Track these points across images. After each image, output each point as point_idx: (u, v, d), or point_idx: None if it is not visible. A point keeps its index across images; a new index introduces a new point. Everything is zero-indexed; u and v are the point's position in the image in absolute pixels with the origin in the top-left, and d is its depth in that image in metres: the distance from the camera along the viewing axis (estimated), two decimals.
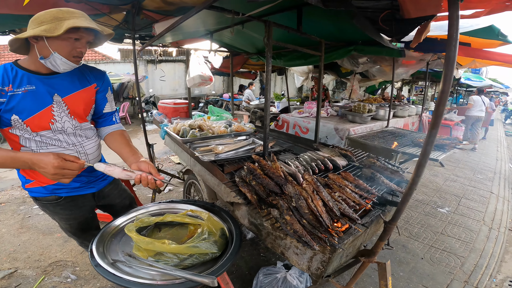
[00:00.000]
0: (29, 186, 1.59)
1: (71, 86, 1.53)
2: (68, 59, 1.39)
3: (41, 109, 1.42)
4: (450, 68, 0.95)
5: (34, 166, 1.27)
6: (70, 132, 1.55)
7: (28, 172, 1.55)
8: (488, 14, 1.87)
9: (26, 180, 1.58)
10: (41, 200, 1.62)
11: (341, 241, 1.41)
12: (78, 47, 1.40)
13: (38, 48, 1.37)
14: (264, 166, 1.85)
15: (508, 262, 3.14)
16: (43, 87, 1.43)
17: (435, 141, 0.99)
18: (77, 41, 1.39)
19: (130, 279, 1.21)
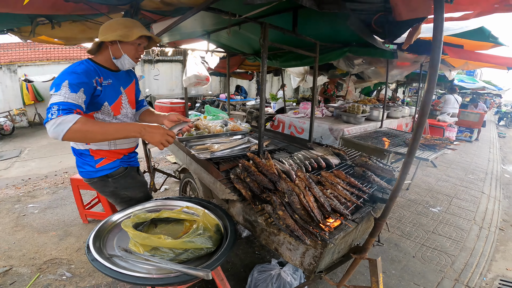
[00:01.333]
0: (100, 165, 1.81)
1: (127, 81, 1.92)
2: (133, 60, 1.75)
3: (117, 98, 1.79)
4: (435, 69, 1.00)
5: (146, 132, 1.53)
6: (130, 116, 1.94)
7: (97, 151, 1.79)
8: (478, 16, 1.92)
9: (96, 160, 1.80)
10: (113, 175, 1.87)
11: (332, 236, 1.45)
12: (139, 51, 1.76)
13: (112, 50, 1.70)
14: (259, 164, 1.89)
15: (499, 261, 3.19)
16: (115, 81, 1.78)
17: (420, 139, 1.03)
18: (139, 46, 1.75)
19: (126, 273, 1.25)
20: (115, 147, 1.86)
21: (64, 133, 1.37)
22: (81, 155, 1.81)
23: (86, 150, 1.79)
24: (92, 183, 1.90)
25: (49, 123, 1.38)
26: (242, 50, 4.47)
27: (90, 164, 1.81)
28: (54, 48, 12.04)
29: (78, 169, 1.86)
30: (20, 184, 4.84)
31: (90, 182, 1.90)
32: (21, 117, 10.33)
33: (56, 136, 1.38)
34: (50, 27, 2.86)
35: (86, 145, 1.77)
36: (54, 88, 1.48)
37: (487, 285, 2.78)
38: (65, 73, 1.53)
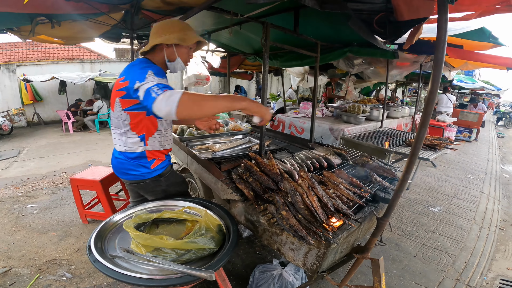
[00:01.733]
0: (154, 165, 1.84)
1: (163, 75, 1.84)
2: (184, 64, 1.77)
3: None
4: (439, 69, 0.99)
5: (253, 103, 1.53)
6: None
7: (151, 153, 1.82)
8: (479, 16, 1.92)
9: (150, 161, 1.83)
10: (165, 174, 1.91)
11: (336, 236, 1.44)
12: (190, 55, 1.80)
13: (168, 52, 1.70)
14: (261, 164, 1.88)
15: (499, 261, 3.19)
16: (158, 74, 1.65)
17: (424, 139, 1.02)
18: (191, 50, 1.78)
19: (128, 274, 1.24)
20: (164, 147, 1.90)
21: (176, 103, 1.30)
22: (136, 158, 1.80)
23: (143, 152, 1.80)
24: (142, 185, 1.89)
25: (158, 99, 1.33)
26: (242, 50, 4.46)
27: (146, 166, 1.83)
28: (53, 47, 12.02)
29: (129, 172, 1.83)
30: (19, 184, 4.82)
31: (140, 184, 1.88)
32: (20, 117, 10.29)
33: (170, 109, 1.32)
34: (50, 27, 2.85)
35: (145, 146, 1.78)
36: (138, 80, 1.45)
37: (488, 285, 2.78)
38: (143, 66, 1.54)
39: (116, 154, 1.86)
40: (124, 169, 1.84)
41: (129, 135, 1.75)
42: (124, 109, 1.67)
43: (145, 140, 1.78)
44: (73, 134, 9.32)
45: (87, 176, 3.30)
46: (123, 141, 1.77)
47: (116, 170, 1.91)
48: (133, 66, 1.61)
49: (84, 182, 3.27)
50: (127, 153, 1.79)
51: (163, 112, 1.34)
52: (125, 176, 1.88)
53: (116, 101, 1.68)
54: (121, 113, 1.69)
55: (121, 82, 1.63)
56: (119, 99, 1.66)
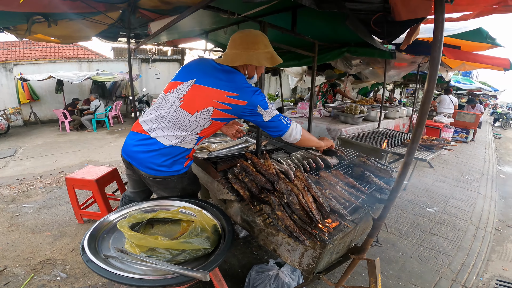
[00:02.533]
0: (187, 163, 1.89)
1: None
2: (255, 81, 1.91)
3: None
4: (435, 68, 0.99)
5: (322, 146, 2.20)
6: None
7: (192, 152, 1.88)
8: (476, 17, 1.93)
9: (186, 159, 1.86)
10: (189, 172, 1.97)
11: (331, 236, 1.44)
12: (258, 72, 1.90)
13: (249, 69, 1.80)
14: (257, 164, 1.87)
15: (495, 261, 3.19)
16: None
17: (420, 139, 1.02)
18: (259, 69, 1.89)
19: (122, 274, 1.22)
20: None
21: (301, 132, 1.84)
22: (179, 154, 1.79)
23: (189, 150, 1.82)
24: (167, 181, 1.85)
25: (291, 128, 1.78)
26: None
27: (181, 163, 1.84)
28: (50, 46, 11.97)
29: (160, 168, 1.77)
30: (15, 183, 4.79)
31: (165, 180, 1.84)
32: (16, 116, 10.23)
33: (296, 137, 1.83)
34: (47, 25, 2.82)
35: (195, 145, 1.83)
36: (261, 107, 1.68)
37: (484, 285, 2.78)
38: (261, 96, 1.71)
39: (153, 147, 1.74)
40: (155, 164, 1.75)
41: (192, 136, 1.74)
42: (213, 118, 1.68)
43: (199, 141, 1.83)
44: (70, 133, 9.27)
45: (82, 176, 3.28)
46: (179, 140, 1.73)
47: (138, 162, 1.79)
48: (246, 87, 1.68)
49: (79, 181, 3.25)
50: (175, 148, 1.74)
51: (292, 138, 1.81)
52: (150, 171, 1.78)
53: (208, 108, 1.65)
54: (206, 119, 1.68)
55: (230, 97, 1.64)
56: (214, 109, 1.65)
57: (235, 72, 1.73)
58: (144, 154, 1.75)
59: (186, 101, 1.68)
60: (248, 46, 1.68)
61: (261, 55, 1.70)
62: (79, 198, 3.45)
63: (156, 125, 1.74)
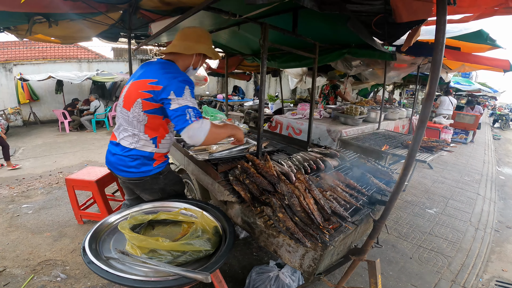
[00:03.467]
0: (157, 164, 1.87)
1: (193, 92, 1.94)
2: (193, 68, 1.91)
3: None
4: (436, 71, 0.99)
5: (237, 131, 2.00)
6: None
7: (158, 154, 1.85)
8: (477, 18, 1.93)
9: (154, 159, 1.85)
10: (164, 172, 1.93)
11: (332, 238, 1.44)
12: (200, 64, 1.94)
13: (195, 60, 1.84)
14: (258, 165, 1.88)
15: (495, 262, 3.20)
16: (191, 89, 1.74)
17: (421, 141, 1.02)
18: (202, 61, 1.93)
19: (123, 275, 1.23)
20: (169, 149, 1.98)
21: (206, 134, 1.62)
22: (142, 157, 1.80)
23: (152, 153, 1.82)
24: (141, 182, 1.88)
25: (193, 125, 1.57)
26: (240, 50, 4.45)
27: (148, 164, 1.84)
28: (50, 47, 11.95)
29: (129, 170, 1.82)
30: (14, 184, 4.78)
31: (139, 181, 1.88)
32: (16, 116, 10.22)
33: (199, 139, 1.62)
34: (47, 26, 2.82)
35: (156, 148, 1.81)
36: (174, 93, 1.59)
37: (483, 286, 2.79)
38: (182, 80, 1.65)
39: (117, 150, 1.83)
40: (124, 166, 1.82)
41: (142, 136, 1.77)
42: (144, 111, 1.69)
43: (156, 143, 1.81)
44: (69, 133, 9.26)
45: (82, 177, 3.28)
46: (135, 140, 1.77)
47: (113, 166, 1.89)
48: (169, 73, 1.66)
49: (79, 182, 3.25)
50: (135, 151, 1.78)
51: (193, 138, 1.61)
52: (123, 173, 1.86)
53: (137, 101, 1.68)
54: (140, 114, 1.70)
55: (151, 84, 1.64)
56: (141, 100, 1.67)
57: (168, 63, 1.77)
58: (115, 157, 1.85)
59: (125, 100, 1.78)
60: (199, 39, 1.81)
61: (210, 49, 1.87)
62: (79, 199, 3.44)
63: (118, 129, 1.86)
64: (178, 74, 1.68)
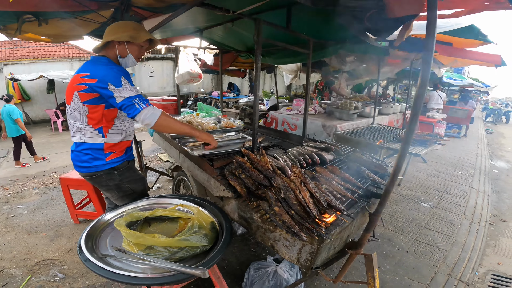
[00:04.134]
0: (110, 158, 1.90)
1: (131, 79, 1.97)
2: (136, 60, 1.92)
3: None
4: (428, 64, 1.00)
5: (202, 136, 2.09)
6: None
7: (109, 146, 1.88)
8: (468, 13, 1.94)
9: (106, 154, 1.89)
10: (119, 168, 1.96)
11: (329, 231, 1.45)
12: (142, 52, 1.96)
13: (119, 49, 1.84)
14: (253, 160, 1.88)
15: (490, 256, 3.23)
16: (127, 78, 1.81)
17: (414, 132, 1.03)
18: (142, 48, 1.94)
19: (120, 272, 1.22)
20: (124, 139, 1.98)
21: (155, 120, 1.76)
22: (92, 150, 1.86)
23: (101, 144, 1.86)
24: (95, 177, 1.93)
25: (142, 113, 1.71)
26: (235, 47, 4.44)
27: (100, 158, 1.88)
28: (40, 46, 11.78)
29: (83, 165, 1.88)
30: (8, 184, 4.73)
31: (93, 177, 1.92)
32: None
33: (150, 122, 1.76)
34: (37, 25, 2.78)
35: (104, 138, 1.85)
36: (112, 84, 1.68)
37: (480, 280, 2.81)
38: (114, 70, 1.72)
39: (72, 147, 1.92)
40: (79, 161, 1.88)
41: (88, 128, 1.81)
42: (83, 102, 1.74)
43: (103, 133, 1.85)
44: (62, 133, 9.17)
45: (77, 176, 3.25)
46: (82, 133, 1.83)
47: (73, 163, 1.95)
48: (100, 64, 1.75)
49: (74, 181, 3.22)
50: (85, 145, 1.85)
51: (144, 122, 1.75)
52: (80, 169, 1.91)
53: (74, 94, 1.74)
54: (80, 105, 1.75)
55: (84, 77, 1.71)
56: (78, 93, 1.73)
57: (99, 57, 1.83)
58: (72, 154, 1.94)
59: (66, 96, 1.85)
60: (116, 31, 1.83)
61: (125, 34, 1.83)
62: (74, 198, 3.42)
63: (71, 127, 1.89)
64: (110, 65, 1.76)
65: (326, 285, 2.54)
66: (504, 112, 17.61)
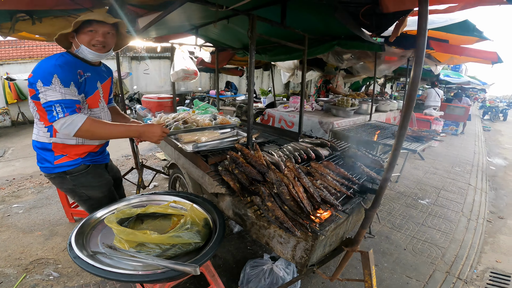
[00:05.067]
0: (59, 162, 1.76)
1: (104, 76, 1.92)
2: (89, 48, 1.66)
3: (94, 91, 1.79)
4: (420, 57, 0.99)
5: (145, 133, 1.76)
6: (106, 111, 1.95)
7: (60, 147, 1.74)
8: (462, 9, 1.92)
9: (56, 156, 1.75)
10: (73, 172, 1.80)
11: (323, 228, 1.43)
12: (96, 37, 1.66)
13: (74, 42, 1.70)
14: (247, 155, 1.86)
15: (488, 253, 3.22)
16: (94, 75, 1.77)
17: (411, 132, 1.01)
18: (94, 33, 1.66)
19: (110, 269, 1.20)
20: (87, 142, 1.82)
21: (75, 131, 1.55)
22: (41, 149, 1.75)
23: (49, 144, 1.72)
24: (50, 178, 1.86)
25: (58, 122, 1.52)
26: (231, 44, 4.42)
27: (49, 160, 1.76)
28: (36, 45, 11.72)
29: (38, 164, 1.82)
30: (4, 184, 4.70)
31: (49, 178, 1.85)
32: (4, 117, 10.04)
33: (68, 134, 1.58)
34: (31, 23, 2.75)
35: (51, 137, 1.71)
36: (41, 81, 1.52)
37: (478, 277, 2.79)
38: (50, 66, 1.55)
39: None
40: (38, 160, 1.82)
41: (40, 125, 1.73)
42: (31, 97, 1.65)
43: (52, 131, 1.71)
44: None
45: None
46: (36, 130, 1.76)
47: None
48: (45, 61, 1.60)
49: None
50: (36, 143, 1.76)
51: (62, 132, 1.58)
52: (40, 168, 1.83)
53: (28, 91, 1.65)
54: (31, 101, 1.67)
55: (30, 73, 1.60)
56: (28, 89, 1.64)
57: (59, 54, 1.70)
58: None
59: None
60: None
61: None
62: None
63: None
64: (54, 59, 1.59)
65: (323, 283, 2.53)
66: (501, 110, 17.68)
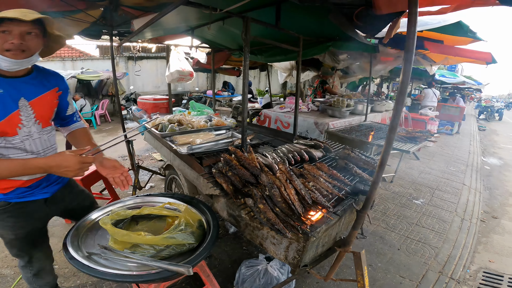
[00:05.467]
0: None
1: (37, 90, 1.48)
2: (1, 53, 1.28)
3: (8, 114, 1.34)
4: (410, 55, 1.01)
5: (52, 168, 1.29)
6: (38, 137, 1.49)
7: None
8: (455, 10, 1.95)
9: None
10: None
11: (314, 229, 1.45)
12: (9, 40, 1.28)
13: None
14: (241, 157, 1.87)
15: (481, 253, 3.24)
16: (10, 90, 1.36)
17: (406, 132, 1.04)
18: (7, 34, 1.29)
19: (105, 270, 1.22)
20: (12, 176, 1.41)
21: None
22: None
23: None
24: None
25: None
26: (227, 45, 4.43)
27: None
28: None
29: None
30: None
31: None
32: None
33: None
34: None
35: None
36: None
37: (471, 277, 2.81)
38: None
39: None
40: None
41: None
42: None
43: None
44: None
45: None
46: None
47: None
48: None
49: None
50: None
51: None
52: None
53: None
54: None
55: None
56: None
57: None
58: None
59: None
60: None
61: None
62: None
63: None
64: None
65: (318, 283, 2.55)
66: (497, 109, 17.82)
